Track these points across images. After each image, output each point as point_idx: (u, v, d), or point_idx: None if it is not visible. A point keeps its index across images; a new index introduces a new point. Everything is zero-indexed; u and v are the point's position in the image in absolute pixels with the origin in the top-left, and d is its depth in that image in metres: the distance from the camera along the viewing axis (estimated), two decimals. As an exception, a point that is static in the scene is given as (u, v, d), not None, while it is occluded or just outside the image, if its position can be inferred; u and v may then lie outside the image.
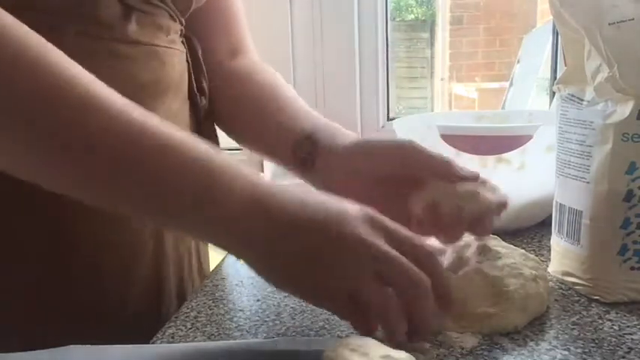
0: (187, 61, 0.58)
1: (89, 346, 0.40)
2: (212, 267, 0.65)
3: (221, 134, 0.66)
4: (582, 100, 0.47)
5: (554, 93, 0.56)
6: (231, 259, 0.62)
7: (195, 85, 0.60)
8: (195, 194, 0.37)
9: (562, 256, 0.50)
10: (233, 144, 1.44)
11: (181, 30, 0.57)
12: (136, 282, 0.53)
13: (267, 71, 0.63)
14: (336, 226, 0.39)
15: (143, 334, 0.46)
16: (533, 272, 0.45)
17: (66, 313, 0.49)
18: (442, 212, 0.46)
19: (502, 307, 0.42)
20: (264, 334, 0.44)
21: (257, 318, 0.47)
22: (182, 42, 0.58)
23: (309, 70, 1.22)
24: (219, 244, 0.40)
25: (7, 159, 0.36)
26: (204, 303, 0.50)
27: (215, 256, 0.66)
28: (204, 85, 0.62)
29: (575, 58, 0.48)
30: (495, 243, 0.51)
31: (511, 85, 1.16)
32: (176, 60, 0.55)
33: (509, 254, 0.47)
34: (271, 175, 0.91)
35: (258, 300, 0.50)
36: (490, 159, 0.61)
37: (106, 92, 0.36)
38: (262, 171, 0.97)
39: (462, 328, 0.42)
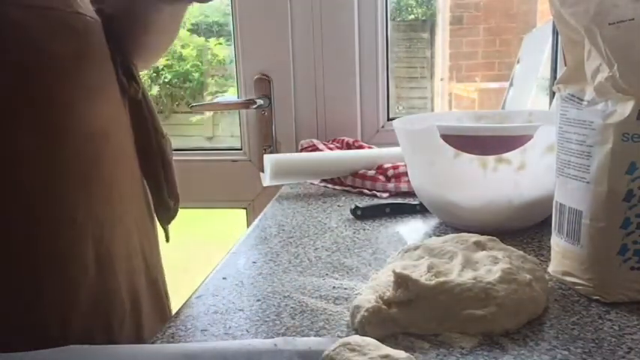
0: (107, 37, 0.55)
1: (89, 346, 0.40)
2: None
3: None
4: (582, 100, 0.47)
5: (554, 93, 0.56)
6: (231, 260, 0.62)
7: (120, 63, 0.57)
8: None
9: (562, 256, 0.50)
10: (235, 144, 1.43)
11: None
12: (79, 299, 0.48)
13: None
14: None
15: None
16: (528, 277, 0.45)
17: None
18: None
19: (490, 310, 0.42)
20: (264, 334, 0.44)
21: (257, 318, 0.47)
22: (98, 12, 0.53)
23: (309, 70, 1.22)
24: None
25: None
26: (205, 303, 0.50)
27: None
28: (134, 71, 0.59)
29: (575, 58, 0.48)
30: (493, 245, 0.51)
31: (511, 85, 1.16)
32: (90, 29, 0.51)
33: (506, 258, 0.47)
34: (271, 175, 0.91)
35: (258, 300, 0.50)
36: (490, 159, 0.61)
37: None
38: (262, 171, 0.96)
39: (447, 329, 0.42)
